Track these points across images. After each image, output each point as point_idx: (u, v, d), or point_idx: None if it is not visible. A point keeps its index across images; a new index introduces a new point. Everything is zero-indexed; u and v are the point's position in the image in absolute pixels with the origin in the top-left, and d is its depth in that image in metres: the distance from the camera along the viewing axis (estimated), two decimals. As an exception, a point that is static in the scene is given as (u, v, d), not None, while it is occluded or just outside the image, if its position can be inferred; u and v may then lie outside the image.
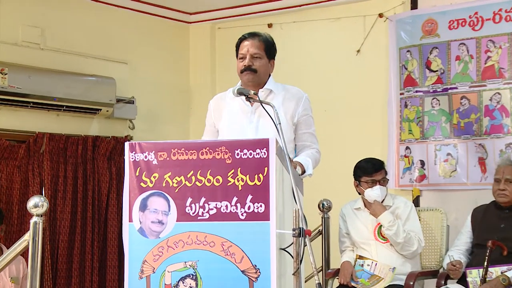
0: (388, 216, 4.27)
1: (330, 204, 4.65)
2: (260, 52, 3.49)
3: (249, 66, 3.46)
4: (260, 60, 3.49)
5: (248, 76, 3.47)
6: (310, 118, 3.60)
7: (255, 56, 3.48)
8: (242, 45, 3.52)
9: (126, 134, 5.99)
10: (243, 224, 2.82)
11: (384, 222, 4.26)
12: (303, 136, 3.57)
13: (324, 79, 5.93)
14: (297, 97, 3.55)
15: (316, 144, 3.62)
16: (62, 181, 5.45)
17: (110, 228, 5.70)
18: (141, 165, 2.96)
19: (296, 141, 3.58)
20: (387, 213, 4.28)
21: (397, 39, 5.56)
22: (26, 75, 5.21)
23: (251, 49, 3.48)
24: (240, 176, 2.85)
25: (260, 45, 3.50)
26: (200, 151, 2.90)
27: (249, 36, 3.52)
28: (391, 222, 4.24)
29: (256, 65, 3.47)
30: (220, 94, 3.69)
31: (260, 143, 2.85)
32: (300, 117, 3.54)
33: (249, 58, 3.47)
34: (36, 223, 3.47)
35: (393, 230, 4.22)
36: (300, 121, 3.54)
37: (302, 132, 3.57)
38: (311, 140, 3.59)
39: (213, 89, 6.47)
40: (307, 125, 3.57)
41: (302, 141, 3.57)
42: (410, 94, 5.46)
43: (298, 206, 2.75)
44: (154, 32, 6.42)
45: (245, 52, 3.49)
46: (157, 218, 2.93)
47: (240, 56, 3.51)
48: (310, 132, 3.59)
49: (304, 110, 3.55)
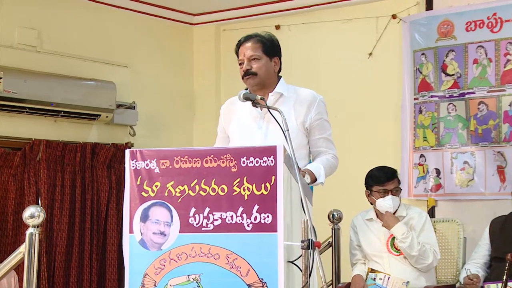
0: (401, 228, 4.26)
1: (341, 215, 4.64)
2: (257, 53, 3.49)
3: (248, 70, 3.47)
4: (258, 61, 3.48)
5: (249, 80, 3.48)
6: (325, 122, 3.57)
7: (252, 58, 3.48)
8: (239, 51, 3.53)
9: (126, 141, 6.01)
10: (249, 236, 2.82)
11: (398, 234, 4.25)
12: (318, 142, 3.55)
13: (335, 84, 5.93)
14: (309, 101, 3.53)
15: (333, 149, 3.58)
16: (59, 190, 5.46)
17: (109, 239, 5.71)
18: (142, 174, 2.97)
19: (310, 147, 3.56)
20: (400, 225, 4.28)
21: (411, 41, 5.56)
22: (22, 79, 5.23)
23: (247, 52, 3.48)
24: (246, 185, 2.84)
25: (256, 46, 3.50)
26: (204, 159, 2.90)
27: (244, 40, 3.52)
28: (405, 234, 4.23)
29: (254, 67, 3.47)
30: (232, 99, 3.69)
31: (267, 151, 2.85)
32: (313, 121, 3.51)
33: (246, 62, 3.47)
34: (32, 234, 3.48)
35: (407, 243, 4.21)
36: (314, 125, 3.52)
37: (316, 138, 3.54)
38: (326, 145, 3.56)
39: (218, 94, 6.48)
40: (321, 130, 3.54)
41: (317, 147, 3.55)
42: (425, 99, 5.46)
43: (307, 217, 2.75)
44: (156, 34, 6.44)
45: (242, 56, 3.50)
46: (159, 229, 2.93)
47: (239, 62, 3.52)
48: (325, 137, 3.56)
49: (317, 114, 3.52)
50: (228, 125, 3.63)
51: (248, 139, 3.46)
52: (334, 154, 3.57)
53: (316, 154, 3.56)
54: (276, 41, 3.58)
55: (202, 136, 6.52)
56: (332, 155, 3.55)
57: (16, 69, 5.30)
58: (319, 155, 3.54)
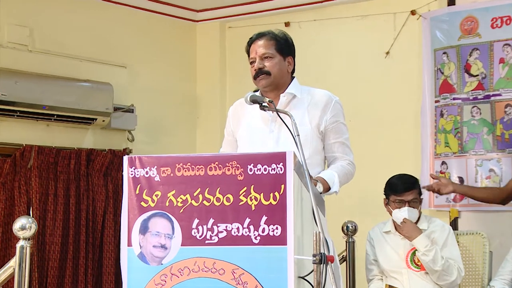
0: (424, 240, 4.25)
1: (356, 227, 4.64)
2: (270, 51, 3.50)
3: (261, 69, 3.47)
4: (271, 60, 3.50)
5: (262, 81, 3.48)
6: (341, 125, 3.57)
7: (264, 56, 3.49)
8: (250, 49, 3.55)
9: (124, 147, 6.03)
10: (256, 249, 2.82)
11: (420, 247, 4.24)
12: (333, 147, 3.55)
13: (349, 85, 5.93)
14: (324, 102, 3.53)
15: (349, 155, 3.59)
16: (52, 200, 5.48)
17: (106, 253, 5.72)
18: (141, 182, 2.97)
19: (325, 152, 3.56)
20: (423, 236, 4.27)
21: (432, 40, 5.56)
22: (12, 80, 5.25)
23: (259, 50, 3.49)
24: (253, 194, 2.85)
25: (270, 44, 3.51)
26: (208, 166, 2.90)
27: (256, 37, 3.54)
28: (428, 246, 4.22)
29: (267, 66, 3.48)
30: (241, 100, 3.68)
31: (276, 157, 2.85)
32: (329, 124, 3.52)
33: (258, 60, 3.48)
34: (23, 247, 3.49)
35: (430, 256, 4.20)
36: (329, 129, 3.52)
37: (332, 142, 3.55)
38: (342, 150, 3.57)
39: (223, 96, 6.50)
40: (337, 133, 3.55)
41: (332, 152, 3.56)
42: (446, 101, 5.46)
43: (319, 229, 2.75)
44: (156, 32, 6.46)
45: (254, 55, 3.51)
46: (159, 242, 2.93)
47: (250, 60, 3.53)
48: (341, 141, 3.56)
49: (333, 116, 3.53)
50: (237, 128, 3.64)
51: (259, 144, 3.47)
52: (351, 161, 3.57)
53: (331, 159, 3.56)
54: (290, 39, 3.60)
55: (206, 142, 6.53)
56: (348, 161, 3.55)
57: (6, 70, 5.32)
58: (334, 161, 3.54)
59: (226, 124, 3.75)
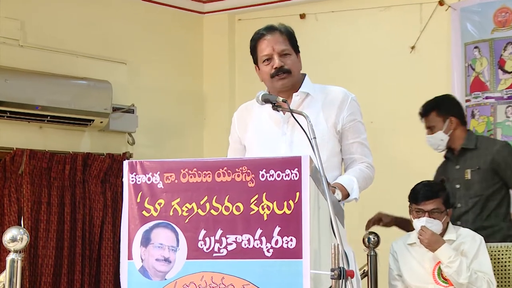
0: (447, 251, 4.24)
1: (378, 238, 4.63)
2: (288, 47, 3.51)
3: (282, 67, 3.47)
4: (290, 57, 3.50)
5: (283, 80, 3.47)
6: (359, 124, 3.58)
7: (283, 53, 3.49)
8: (261, 45, 3.52)
9: (124, 151, 6.05)
10: (269, 263, 2.82)
11: (443, 258, 4.23)
12: (351, 147, 3.55)
13: (370, 83, 5.93)
14: (340, 99, 3.54)
15: (368, 157, 3.59)
16: (45, 209, 5.50)
17: (104, 267, 5.73)
18: (143, 189, 2.98)
19: (343, 154, 3.57)
20: (446, 247, 4.26)
21: (462, 33, 5.55)
22: (2, 78, 5.27)
23: (276, 46, 3.48)
24: (265, 203, 2.85)
25: (285, 39, 3.51)
26: (216, 172, 2.91)
27: (267, 32, 3.52)
28: (452, 257, 4.22)
29: (288, 63, 3.48)
30: (246, 104, 3.70)
31: (290, 162, 2.85)
32: (346, 123, 3.52)
33: (278, 58, 3.48)
34: (14, 261, 3.50)
35: (453, 268, 4.19)
36: (346, 128, 3.52)
37: (350, 143, 3.54)
38: (361, 151, 3.56)
39: (232, 96, 6.50)
40: (355, 133, 3.55)
41: (350, 154, 3.56)
42: (478, 101, 5.44)
43: (338, 241, 2.75)
44: (159, 25, 6.48)
45: (270, 51, 3.49)
46: (162, 255, 2.94)
47: (264, 57, 3.50)
48: (359, 142, 3.56)
49: (350, 114, 3.53)
50: (244, 133, 3.64)
51: (270, 148, 3.46)
52: (370, 163, 3.57)
53: (349, 162, 3.56)
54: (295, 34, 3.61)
55: (214, 145, 6.54)
56: (366, 164, 3.55)
57: (-5, 67, 5.35)
58: (352, 164, 3.54)
59: (231, 131, 3.74)
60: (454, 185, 4.65)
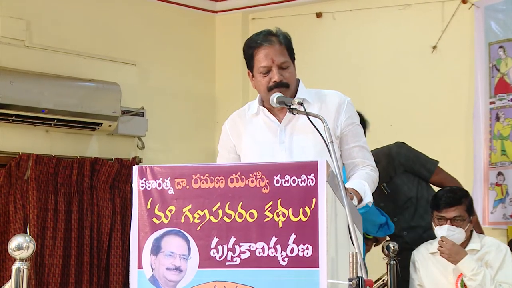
0: (470, 263, 4.23)
1: (398, 247, 4.62)
2: (287, 58, 3.51)
3: (281, 81, 3.48)
4: (289, 70, 3.50)
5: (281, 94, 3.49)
6: (358, 128, 3.60)
7: (283, 66, 3.50)
8: (259, 54, 3.50)
9: (133, 156, 6.06)
10: (284, 272, 2.82)
11: (466, 271, 4.23)
12: (352, 152, 3.57)
13: (390, 85, 5.92)
14: (336, 103, 3.55)
15: (371, 160, 3.61)
16: (51, 216, 5.52)
17: (113, 277, 5.75)
18: (153, 196, 2.99)
19: (343, 159, 3.59)
20: (468, 258, 4.25)
21: (486, 32, 5.54)
22: (6, 80, 5.30)
23: (277, 57, 3.47)
24: (280, 209, 2.85)
25: (283, 49, 3.50)
26: (229, 177, 2.91)
27: (265, 41, 3.51)
28: (475, 269, 4.21)
29: (287, 77, 3.48)
30: (237, 112, 3.72)
31: (306, 167, 2.85)
32: (345, 127, 3.54)
33: (277, 71, 3.47)
34: (19, 269, 3.51)
35: (477, 281, 4.18)
36: (345, 132, 3.55)
37: (350, 147, 3.57)
38: (362, 155, 3.59)
39: (246, 98, 6.50)
40: (355, 137, 3.57)
41: (351, 158, 3.58)
42: (503, 103, 5.43)
43: (356, 249, 2.75)
44: (169, 25, 6.49)
45: (269, 63, 3.48)
46: (173, 263, 2.95)
47: (262, 69, 3.49)
48: (360, 146, 3.58)
49: (348, 118, 3.55)
50: (239, 142, 3.64)
51: (269, 158, 3.47)
52: (373, 166, 3.60)
53: (351, 166, 3.58)
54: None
55: (226, 150, 6.54)
56: (371, 167, 3.58)
57: (0, 68, 5.37)
58: (355, 169, 3.56)
59: (222, 141, 3.73)
60: (378, 205, 4.63)
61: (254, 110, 3.59)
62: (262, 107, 3.56)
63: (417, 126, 5.82)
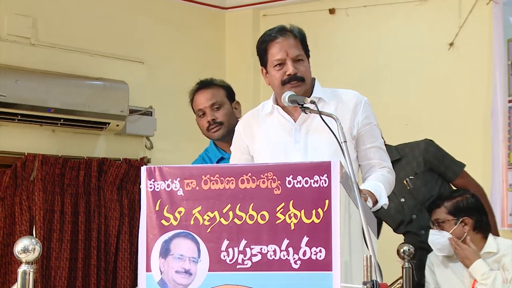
0: (481, 266, 4.23)
1: (413, 250, 4.62)
2: (301, 52, 3.52)
3: (295, 74, 3.48)
4: (303, 63, 3.51)
5: (295, 89, 3.47)
6: (375, 128, 3.60)
7: (297, 59, 3.50)
8: (273, 48, 3.52)
9: (142, 156, 6.07)
10: (296, 275, 2.82)
11: (477, 275, 4.23)
12: (369, 153, 3.57)
13: (404, 83, 5.92)
14: (353, 103, 3.55)
15: (387, 161, 3.61)
16: (58, 217, 5.53)
17: (120, 280, 5.76)
18: (162, 197, 3.00)
19: (359, 160, 3.59)
20: (480, 262, 4.25)
21: (505, 28, 5.53)
22: (12, 78, 5.31)
23: (290, 50, 3.49)
24: (292, 211, 2.86)
25: (298, 43, 3.52)
26: (239, 178, 2.92)
27: (280, 34, 3.52)
28: (486, 274, 4.20)
29: (301, 71, 3.49)
30: (252, 111, 3.74)
31: (319, 168, 2.85)
32: (362, 127, 3.54)
33: (291, 64, 3.48)
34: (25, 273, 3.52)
35: (487, 285, 4.18)
36: (362, 133, 3.54)
37: (367, 148, 3.56)
38: (379, 156, 3.58)
39: (257, 97, 6.51)
40: (372, 137, 3.57)
41: (368, 159, 3.57)
42: (522, 101, 5.43)
43: (371, 252, 2.75)
44: (178, 22, 6.50)
45: (283, 56, 3.49)
46: (183, 266, 2.95)
47: (276, 62, 3.50)
48: (377, 146, 3.58)
49: (365, 118, 3.55)
50: (252, 142, 3.64)
51: (282, 158, 3.47)
52: (390, 168, 3.60)
53: (367, 167, 3.58)
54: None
55: (237, 150, 6.54)
56: (387, 168, 3.58)
57: (5, 66, 5.38)
58: (371, 170, 3.56)
59: (235, 142, 3.74)
60: (398, 200, 4.64)
61: (269, 109, 3.59)
62: (277, 106, 3.56)
63: (433, 125, 5.81)
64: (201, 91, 4.56)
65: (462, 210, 4.40)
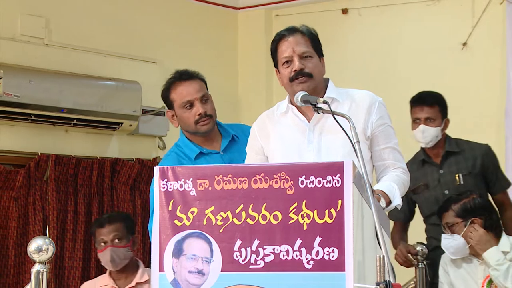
0: (496, 253, 4.24)
1: (427, 250, 4.62)
2: (309, 49, 3.51)
3: (302, 70, 3.48)
4: (311, 60, 3.51)
5: (303, 84, 3.48)
6: (389, 129, 3.58)
7: (304, 55, 3.50)
8: (281, 46, 3.54)
9: (154, 156, 6.08)
10: (309, 276, 2.82)
11: (491, 260, 4.23)
12: (383, 153, 3.56)
13: (417, 83, 5.89)
14: (367, 103, 3.55)
15: (402, 162, 3.59)
16: (71, 217, 5.55)
17: (133, 280, 5.77)
18: (175, 197, 3.00)
19: (373, 160, 3.58)
20: (495, 249, 4.25)
21: (518, 28, 5.52)
22: (26, 79, 5.33)
23: (297, 47, 3.49)
24: (305, 211, 2.86)
25: (307, 41, 3.52)
26: (252, 178, 2.92)
27: (288, 33, 3.54)
28: (500, 260, 4.20)
29: (309, 67, 3.48)
30: (267, 112, 3.74)
31: (332, 168, 2.85)
32: (376, 128, 3.53)
33: (298, 60, 3.49)
34: (39, 272, 3.53)
35: (501, 270, 4.18)
36: (376, 133, 3.53)
37: (381, 148, 3.55)
38: (393, 157, 3.57)
39: (270, 97, 6.51)
40: (386, 138, 3.56)
41: (382, 160, 3.56)
42: (536, 101, 5.41)
43: (384, 252, 2.75)
44: (191, 22, 6.50)
45: (290, 53, 3.50)
46: (196, 266, 2.96)
47: (284, 60, 3.52)
48: (391, 147, 3.57)
49: (379, 118, 3.54)
50: (267, 143, 3.64)
51: (296, 158, 3.47)
52: (404, 168, 3.59)
53: (381, 168, 3.57)
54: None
55: (250, 150, 6.55)
56: (402, 169, 3.56)
57: (19, 67, 5.40)
58: (385, 171, 3.55)
59: (250, 143, 3.74)
60: (442, 191, 4.63)
61: (283, 109, 3.59)
62: (292, 106, 3.56)
63: (446, 126, 5.80)
64: (188, 82, 4.30)
65: (470, 211, 4.40)
